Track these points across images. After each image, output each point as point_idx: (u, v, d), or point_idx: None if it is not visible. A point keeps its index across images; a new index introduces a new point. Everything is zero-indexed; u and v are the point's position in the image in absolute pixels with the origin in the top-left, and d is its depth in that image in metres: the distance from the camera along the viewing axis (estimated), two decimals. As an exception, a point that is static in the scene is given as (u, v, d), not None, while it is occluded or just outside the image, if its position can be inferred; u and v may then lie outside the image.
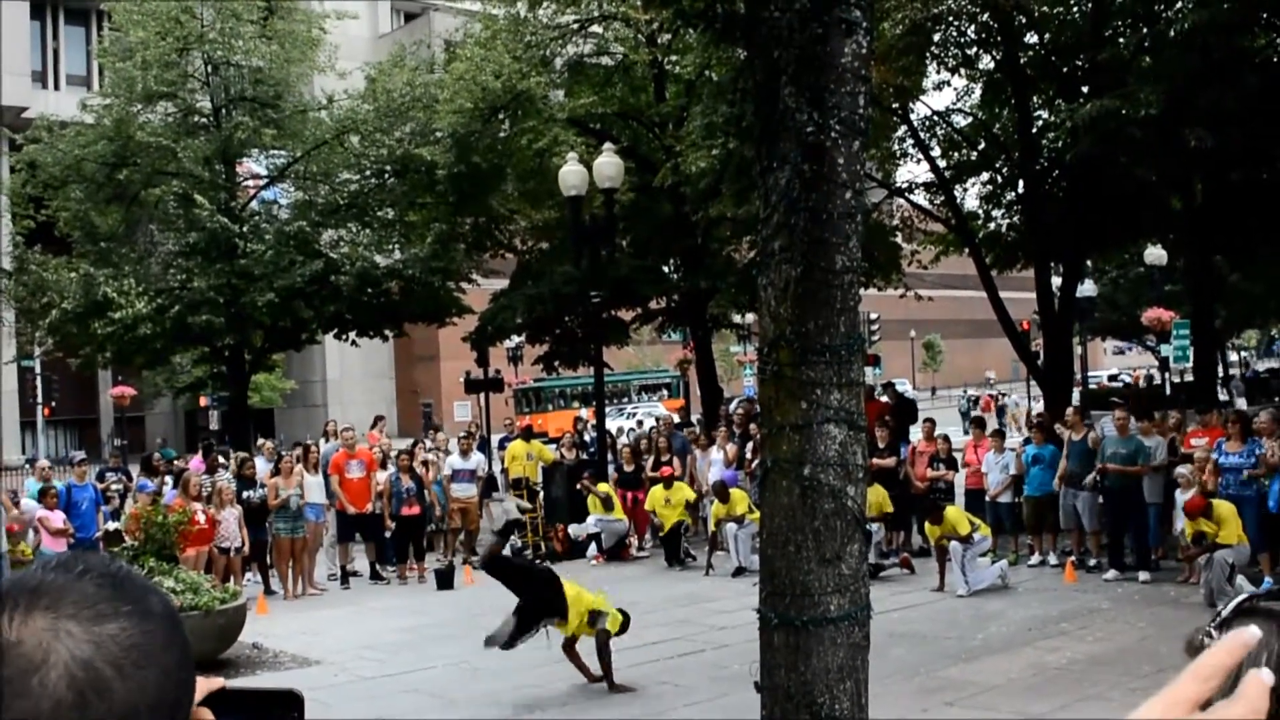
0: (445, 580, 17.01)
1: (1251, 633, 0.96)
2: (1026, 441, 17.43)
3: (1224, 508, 13.14)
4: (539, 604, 10.24)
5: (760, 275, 5.50)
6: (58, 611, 0.98)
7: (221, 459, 19.24)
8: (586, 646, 10.41)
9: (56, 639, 0.96)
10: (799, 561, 5.28)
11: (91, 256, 27.65)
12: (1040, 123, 21.12)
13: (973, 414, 29.30)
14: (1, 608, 0.99)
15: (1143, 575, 14.53)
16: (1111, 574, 14.79)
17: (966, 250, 22.99)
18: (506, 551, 10.73)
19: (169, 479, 18.60)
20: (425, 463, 19.52)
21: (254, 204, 29.53)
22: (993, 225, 24.55)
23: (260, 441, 24.84)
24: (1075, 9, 20.18)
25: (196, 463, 19.93)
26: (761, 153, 5.43)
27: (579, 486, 19.22)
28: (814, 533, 5.26)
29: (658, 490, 18.25)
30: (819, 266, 5.21)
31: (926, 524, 15.38)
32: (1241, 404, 33.93)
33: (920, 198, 24.47)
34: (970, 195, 25.18)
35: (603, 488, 18.89)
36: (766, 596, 5.43)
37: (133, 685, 0.97)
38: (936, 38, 20.26)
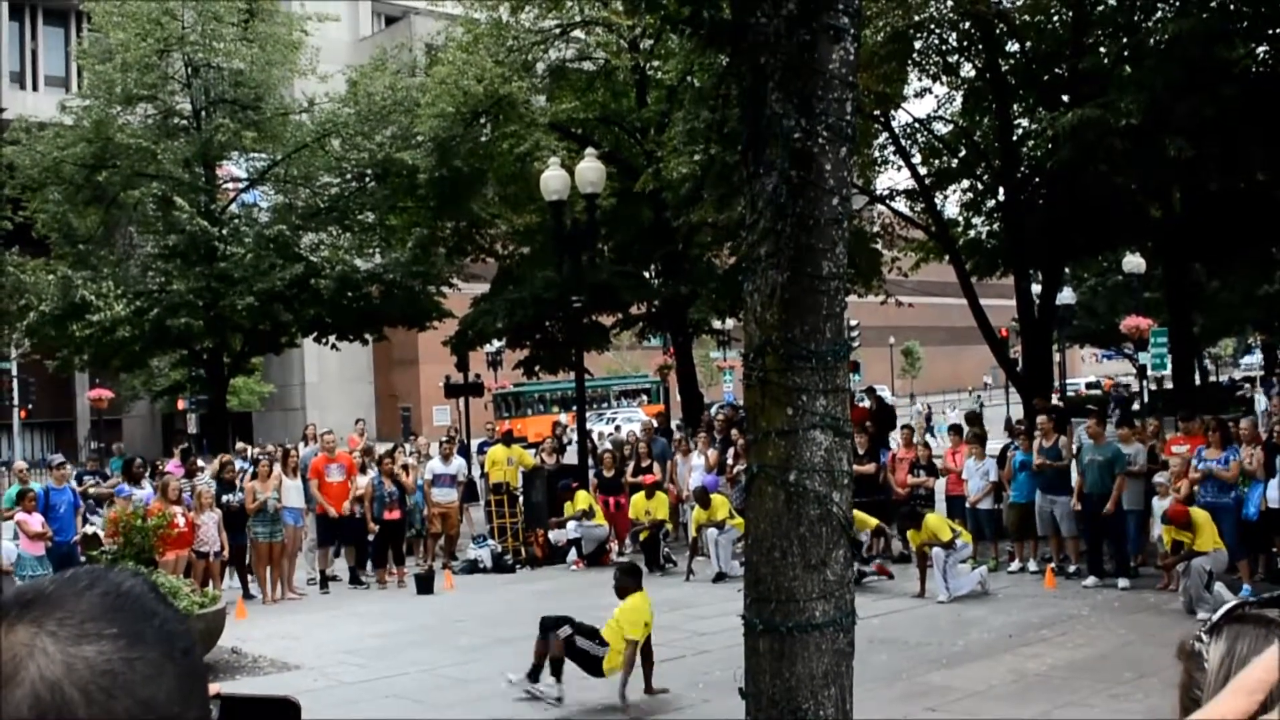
0: (425, 585, 16.95)
1: None
2: (1008, 447, 17.46)
3: (1199, 515, 13.19)
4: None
5: (746, 281, 5.50)
6: (40, 626, 0.94)
7: (200, 462, 19.13)
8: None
9: (30, 655, 0.93)
10: (784, 567, 5.28)
11: (70, 258, 27.51)
12: (1021, 131, 21.22)
13: (949, 421, 29.34)
14: None
15: (1122, 582, 14.57)
16: (1091, 581, 14.83)
17: (946, 257, 23.06)
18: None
19: (147, 484, 18.47)
20: (405, 467, 19.47)
21: (234, 207, 29.42)
22: (973, 232, 24.65)
23: (240, 446, 24.76)
24: (1056, 18, 20.28)
25: (174, 466, 19.81)
26: (748, 158, 5.43)
27: (552, 522, 19.14)
28: (799, 539, 5.26)
29: (639, 498, 18.25)
30: (805, 272, 5.21)
31: (909, 530, 15.43)
32: None
33: (901, 204, 24.56)
34: (951, 202, 25.31)
35: (583, 499, 18.76)
36: (751, 602, 5.43)
37: (98, 713, 0.92)
38: (918, 45, 20.35)
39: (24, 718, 0.91)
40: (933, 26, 19.92)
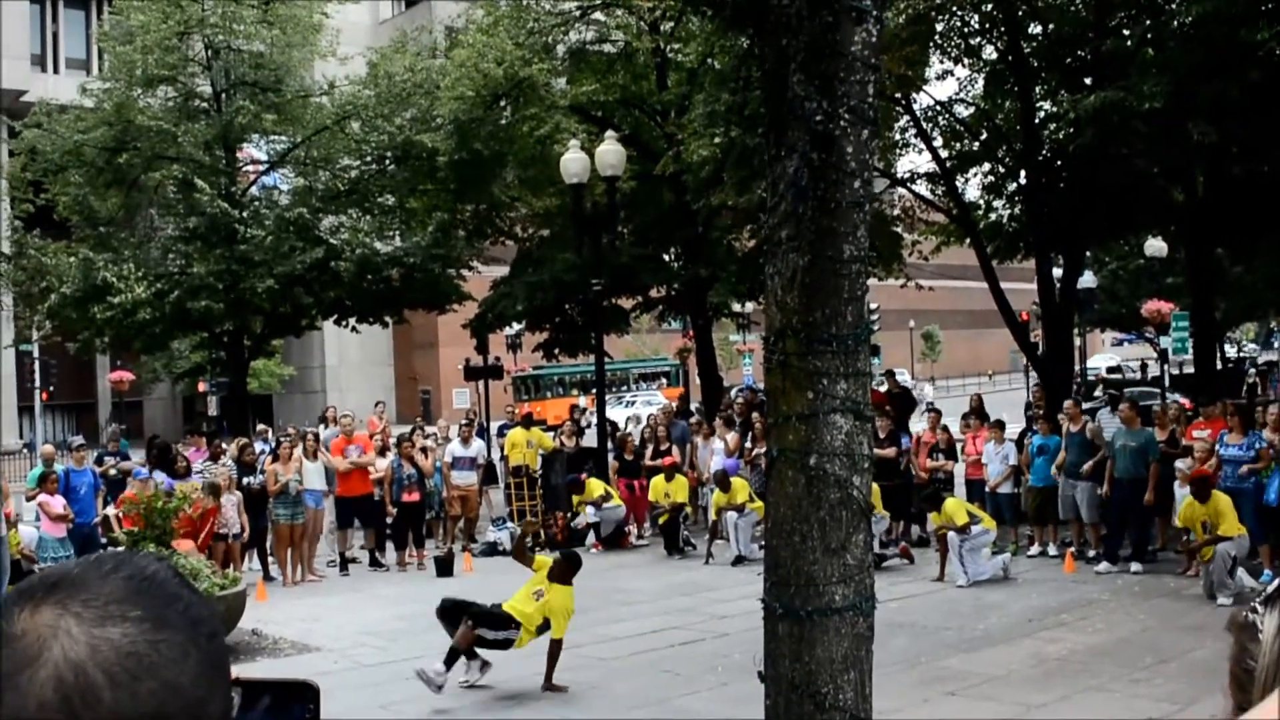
0: (444, 568, 17.00)
1: None
2: (1026, 431, 17.41)
3: (1222, 500, 13.14)
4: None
5: (767, 264, 5.47)
6: (64, 608, 0.94)
7: (224, 445, 19.19)
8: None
9: (54, 637, 0.93)
10: (804, 551, 5.26)
11: (91, 241, 27.61)
12: (1043, 113, 21.07)
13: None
14: (24, 596, 0.97)
15: (1134, 566, 14.55)
16: (1104, 566, 14.79)
17: (967, 241, 22.97)
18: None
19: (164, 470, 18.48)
20: (424, 449, 19.52)
21: (254, 189, 29.46)
22: (994, 216, 24.52)
23: (260, 428, 24.85)
24: (1079, -1, 20.13)
25: (195, 453, 19.77)
26: (769, 140, 5.40)
27: (568, 523, 19.16)
28: (819, 523, 5.24)
29: (659, 481, 18.25)
30: (826, 255, 5.18)
31: (931, 514, 15.43)
32: None
33: (922, 188, 24.44)
34: (972, 185, 25.15)
35: (595, 487, 18.71)
36: (771, 586, 5.41)
37: (123, 696, 0.92)
38: (940, 27, 20.22)
39: (48, 699, 0.91)
40: (954, 8, 19.80)
